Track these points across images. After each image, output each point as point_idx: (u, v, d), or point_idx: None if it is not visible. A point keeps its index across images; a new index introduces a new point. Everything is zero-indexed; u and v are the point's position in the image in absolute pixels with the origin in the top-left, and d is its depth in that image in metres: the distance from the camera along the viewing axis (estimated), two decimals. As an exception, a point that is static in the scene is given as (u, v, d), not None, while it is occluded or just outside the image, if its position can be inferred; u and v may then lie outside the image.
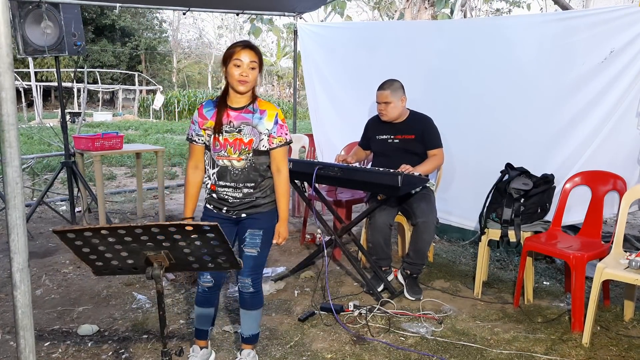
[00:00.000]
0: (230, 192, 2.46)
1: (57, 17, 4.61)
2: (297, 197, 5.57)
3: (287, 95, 28.87)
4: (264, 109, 2.43)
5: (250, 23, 8.41)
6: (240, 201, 2.47)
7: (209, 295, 2.58)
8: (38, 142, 10.98)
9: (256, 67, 2.38)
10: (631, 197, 3.08)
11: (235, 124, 2.41)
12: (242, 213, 2.49)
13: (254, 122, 2.41)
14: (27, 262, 1.58)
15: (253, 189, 2.46)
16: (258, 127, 2.41)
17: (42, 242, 4.65)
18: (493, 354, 2.77)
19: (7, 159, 1.50)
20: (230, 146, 2.41)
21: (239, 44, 2.39)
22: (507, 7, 18.02)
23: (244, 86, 2.36)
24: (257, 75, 2.40)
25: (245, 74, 2.34)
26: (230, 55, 2.35)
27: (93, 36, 25.33)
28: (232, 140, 2.40)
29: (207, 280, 2.53)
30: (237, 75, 2.34)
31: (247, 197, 2.46)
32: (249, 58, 2.35)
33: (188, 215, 2.54)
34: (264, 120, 2.41)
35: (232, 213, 2.49)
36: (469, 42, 4.02)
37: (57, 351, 2.81)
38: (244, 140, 2.40)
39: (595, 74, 3.44)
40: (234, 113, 2.42)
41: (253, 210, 2.49)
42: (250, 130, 2.40)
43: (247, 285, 2.48)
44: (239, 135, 2.40)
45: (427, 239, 3.51)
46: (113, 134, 5.20)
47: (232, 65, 2.35)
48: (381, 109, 3.71)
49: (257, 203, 2.48)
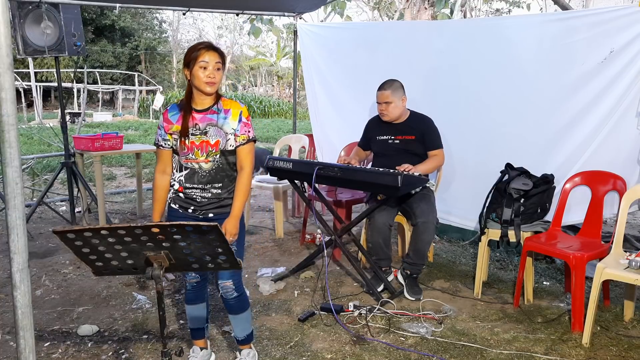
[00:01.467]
0: (198, 193, 2.44)
1: (57, 18, 4.61)
2: (297, 197, 5.57)
3: (287, 95, 28.86)
4: (228, 108, 2.41)
5: (250, 23, 8.41)
6: (208, 200, 2.44)
7: (198, 291, 2.58)
8: (38, 143, 10.97)
9: (221, 67, 2.37)
10: (631, 197, 3.08)
11: (200, 126, 2.39)
12: (210, 213, 2.45)
13: (219, 122, 2.39)
14: (27, 263, 1.58)
15: (221, 189, 2.43)
16: (224, 128, 2.39)
17: (42, 242, 4.65)
18: (493, 354, 2.77)
19: (7, 159, 1.50)
20: (197, 149, 2.39)
21: (201, 45, 2.37)
22: (507, 7, 18.00)
23: (212, 87, 2.36)
24: (222, 76, 2.40)
25: (212, 75, 2.34)
26: (195, 57, 2.33)
27: (93, 36, 25.30)
28: (199, 143, 2.38)
29: (192, 277, 2.53)
30: (204, 77, 2.33)
31: (215, 197, 2.44)
32: (214, 59, 2.34)
33: (156, 219, 2.53)
34: (228, 119, 2.39)
35: (199, 213, 2.45)
36: (468, 42, 4.02)
37: (57, 351, 2.80)
38: (211, 142, 2.38)
39: (595, 74, 3.44)
40: (199, 115, 2.40)
41: (220, 210, 2.45)
42: (216, 131, 2.38)
43: (230, 290, 2.45)
44: (206, 137, 2.38)
45: (427, 239, 3.51)
46: (113, 134, 5.20)
47: (198, 67, 2.33)
48: (382, 109, 3.70)
49: (224, 203, 2.45)
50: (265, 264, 4.15)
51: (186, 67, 2.38)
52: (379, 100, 3.70)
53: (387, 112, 3.68)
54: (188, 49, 2.41)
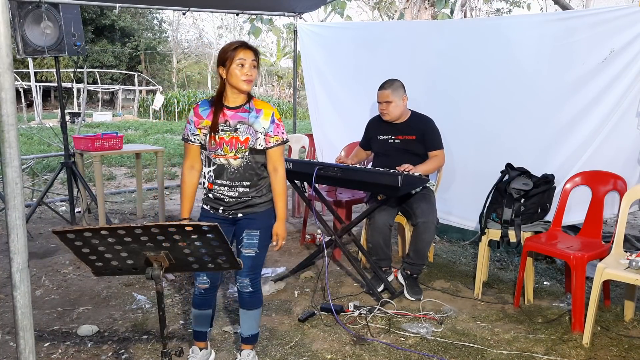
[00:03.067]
0: (226, 192, 2.45)
1: (56, 18, 4.61)
2: (297, 197, 5.57)
3: (287, 95, 28.85)
4: (260, 108, 2.45)
5: (250, 23, 8.41)
6: (236, 200, 2.46)
7: (206, 297, 2.57)
8: (38, 143, 10.97)
9: (256, 66, 2.42)
10: (631, 197, 3.08)
11: (231, 123, 2.42)
12: (239, 213, 2.48)
13: (250, 120, 2.42)
14: (26, 263, 1.58)
15: (249, 187, 2.46)
16: (254, 126, 2.42)
17: (42, 242, 4.65)
18: (493, 354, 2.77)
19: (6, 160, 1.50)
20: (226, 145, 2.41)
21: (238, 44, 2.40)
22: (507, 7, 18.01)
23: (249, 85, 2.40)
24: (257, 74, 2.44)
25: (250, 72, 2.37)
26: (232, 56, 2.36)
27: (93, 36, 25.29)
28: (229, 139, 2.41)
29: (203, 281, 2.52)
30: (242, 74, 2.36)
31: (243, 196, 2.46)
32: (250, 57, 2.38)
33: (185, 215, 2.53)
34: (260, 119, 2.42)
35: (229, 213, 2.49)
36: (469, 42, 4.02)
37: (56, 352, 2.80)
38: (240, 139, 2.41)
39: (595, 74, 3.43)
40: (230, 112, 2.43)
41: (249, 210, 2.48)
42: (247, 129, 2.41)
43: (246, 285, 2.49)
44: (235, 134, 2.41)
45: (427, 239, 3.50)
46: (113, 134, 5.19)
47: (235, 66, 2.36)
48: (382, 109, 3.70)
49: (253, 202, 2.48)
50: (266, 264, 4.13)
51: (222, 66, 2.40)
52: (379, 99, 3.70)
53: (388, 111, 3.68)
54: (223, 48, 2.44)
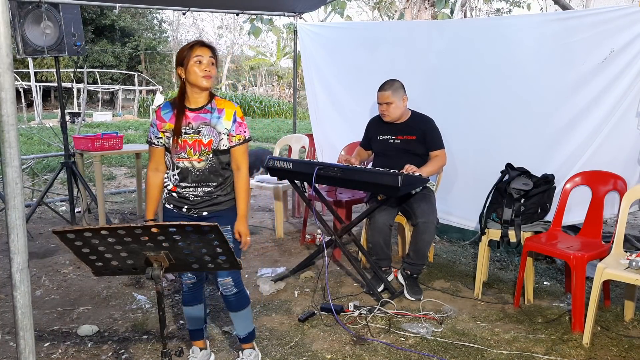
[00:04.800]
0: (191, 192, 2.44)
1: (56, 18, 4.61)
2: (297, 197, 5.56)
3: (287, 95, 28.85)
4: (222, 108, 2.42)
5: (250, 23, 8.42)
6: (201, 199, 2.44)
7: (194, 292, 2.58)
8: (38, 143, 10.97)
9: (215, 62, 2.39)
10: (631, 197, 3.08)
11: (194, 125, 2.39)
12: (204, 211, 2.45)
13: (212, 122, 2.39)
14: (26, 263, 1.58)
15: (214, 187, 2.44)
16: (217, 127, 2.39)
17: (42, 242, 4.65)
18: (493, 354, 2.77)
19: (6, 159, 1.50)
20: (189, 147, 2.39)
21: (193, 42, 2.40)
22: (507, 7, 18.01)
23: (208, 81, 2.37)
24: (216, 72, 2.41)
25: (208, 68, 2.36)
26: (189, 54, 2.35)
27: (93, 36, 25.27)
28: (192, 142, 2.39)
29: (188, 277, 2.52)
30: (200, 71, 2.34)
31: (208, 195, 2.44)
32: (207, 54, 2.37)
33: (150, 217, 2.51)
34: (222, 119, 2.40)
35: (193, 211, 2.46)
36: (469, 42, 4.02)
37: (56, 352, 2.80)
38: (204, 142, 2.38)
39: (595, 74, 3.43)
40: (192, 114, 2.41)
41: (214, 207, 2.45)
42: (209, 131, 2.39)
43: (230, 286, 2.47)
44: (198, 136, 2.38)
45: (427, 239, 3.50)
46: (113, 134, 5.19)
47: (192, 63, 2.34)
48: (383, 110, 3.69)
49: (217, 200, 2.45)
50: (265, 264, 4.15)
51: (180, 66, 2.39)
52: (379, 100, 3.69)
53: (388, 112, 3.67)
54: (180, 49, 2.44)
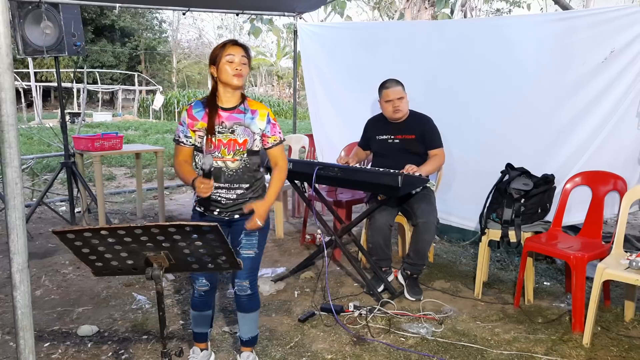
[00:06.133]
0: (224, 194, 2.43)
1: (56, 18, 4.61)
2: (297, 197, 5.56)
3: (287, 95, 28.83)
4: (255, 109, 2.43)
5: (250, 23, 8.40)
6: (233, 202, 2.44)
7: (206, 299, 2.56)
8: (38, 143, 10.96)
9: (247, 62, 2.39)
10: (632, 198, 3.08)
11: (227, 124, 2.39)
12: (235, 214, 2.46)
13: (246, 122, 2.40)
14: (26, 263, 1.58)
15: (247, 189, 2.44)
16: (251, 127, 2.40)
17: (42, 242, 4.64)
18: (493, 354, 2.77)
19: (6, 160, 1.50)
20: (224, 147, 2.39)
21: (227, 41, 2.41)
22: (508, 7, 17.99)
23: (239, 80, 2.36)
24: (248, 71, 2.41)
25: (240, 67, 2.35)
26: (221, 53, 2.36)
27: (93, 36, 25.26)
28: (226, 141, 2.39)
29: (202, 284, 2.50)
30: (232, 69, 2.34)
31: (240, 197, 2.44)
32: (240, 53, 2.37)
33: (193, 177, 2.35)
34: (256, 120, 2.41)
35: (225, 215, 2.46)
36: (469, 42, 4.02)
37: (56, 352, 2.80)
38: (239, 141, 2.39)
39: (595, 74, 3.43)
40: (225, 113, 2.41)
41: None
42: (244, 131, 2.39)
43: (246, 288, 2.47)
44: (233, 135, 2.39)
45: (427, 239, 3.50)
46: (113, 135, 5.19)
47: (225, 62, 2.34)
48: (397, 106, 3.67)
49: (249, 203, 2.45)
50: (265, 264, 4.14)
51: (212, 65, 2.39)
52: (392, 97, 3.66)
53: (402, 107, 3.67)
54: (213, 48, 2.43)
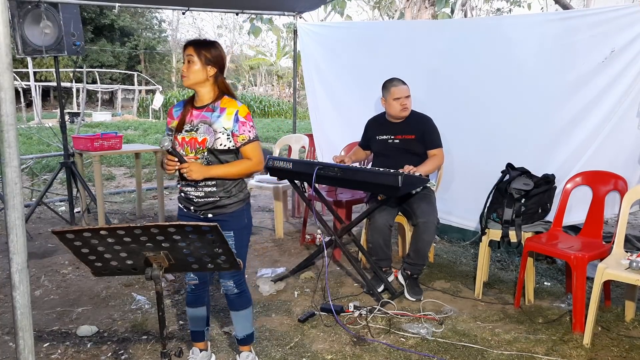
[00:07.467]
0: (192, 192, 2.42)
1: (56, 17, 4.60)
2: (297, 197, 5.56)
3: (287, 95, 28.83)
4: (224, 107, 2.40)
5: (250, 23, 8.39)
6: (203, 201, 2.42)
7: (199, 293, 2.57)
8: (37, 143, 10.96)
9: (194, 60, 2.36)
10: (632, 197, 3.07)
11: (195, 122, 2.41)
12: (208, 213, 2.43)
13: (211, 120, 2.39)
14: (26, 263, 1.57)
15: (215, 187, 2.40)
16: (214, 126, 2.37)
17: (41, 242, 4.64)
18: (494, 354, 2.76)
19: (6, 159, 1.50)
20: (187, 145, 2.40)
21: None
22: (508, 6, 17.99)
23: (184, 80, 2.41)
24: (198, 69, 2.36)
25: (185, 68, 2.39)
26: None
27: (92, 36, 25.24)
28: (189, 140, 2.40)
29: (191, 278, 2.53)
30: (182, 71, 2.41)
31: (210, 196, 2.40)
32: (186, 53, 2.39)
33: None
34: (221, 118, 2.38)
35: (199, 213, 2.45)
36: (469, 42, 4.01)
37: (56, 352, 2.80)
38: (198, 140, 2.38)
39: (595, 74, 3.43)
40: (196, 112, 2.43)
41: (218, 211, 2.42)
42: (206, 129, 2.38)
43: (231, 288, 2.48)
44: (195, 134, 2.39)
45: (427, 239, 3.50)
46: (112, 134, 5.19)
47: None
48: (405, 104, 3.68)
49: (221, 203, 2.42)
50: (265, 265, 4.14)
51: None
52: (400, 95, 3.65)
53: (409, 105, 3.69)
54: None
